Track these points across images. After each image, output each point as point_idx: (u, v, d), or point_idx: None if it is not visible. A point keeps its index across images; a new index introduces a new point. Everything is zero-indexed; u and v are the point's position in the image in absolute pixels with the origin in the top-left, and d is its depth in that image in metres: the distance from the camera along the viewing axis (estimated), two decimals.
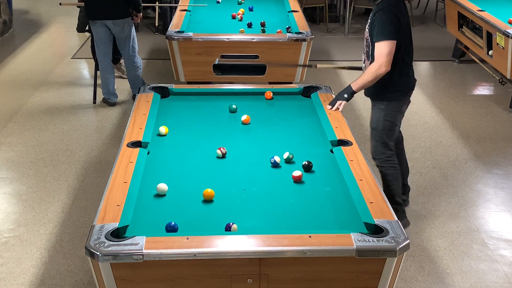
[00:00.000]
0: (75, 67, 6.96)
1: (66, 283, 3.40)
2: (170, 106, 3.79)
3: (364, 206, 2.57)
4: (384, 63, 3.43)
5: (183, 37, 4.86)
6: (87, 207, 4.13)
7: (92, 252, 2.22)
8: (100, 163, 4.75)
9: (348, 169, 2.90)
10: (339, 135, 3.28)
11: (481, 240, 3.85)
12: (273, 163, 3.00)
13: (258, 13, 5.91)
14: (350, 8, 8.42)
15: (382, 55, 3.42)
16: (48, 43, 8.03)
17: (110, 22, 5.44)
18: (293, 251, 2.28)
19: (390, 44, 3.42)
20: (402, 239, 2.31)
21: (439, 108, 5.91)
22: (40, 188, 4.38)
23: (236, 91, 4.09)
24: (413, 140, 5.22)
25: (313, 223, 2.54)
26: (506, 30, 5.40)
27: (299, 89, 4.00)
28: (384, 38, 3.41)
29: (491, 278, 3.49)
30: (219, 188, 2.75)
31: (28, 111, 5.70)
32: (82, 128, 5.37)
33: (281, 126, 3.53)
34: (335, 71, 6.90)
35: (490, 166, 4.79)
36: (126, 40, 5.57)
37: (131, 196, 2.64)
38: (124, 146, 3.12)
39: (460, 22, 6.76)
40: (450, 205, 4.24)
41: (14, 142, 5.07)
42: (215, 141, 3.24)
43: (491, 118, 5.68)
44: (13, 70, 6.83)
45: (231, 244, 2.29)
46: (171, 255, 2.25)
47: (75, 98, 6.09)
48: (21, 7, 9.49)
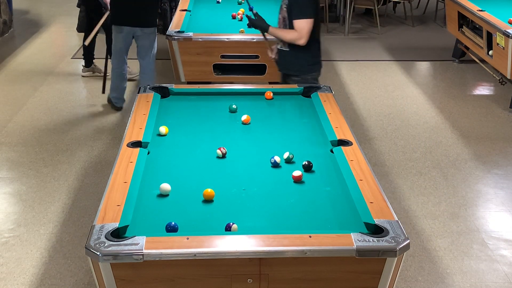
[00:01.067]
0: (75, 67, 6.96)
1: (66, 283, 3.40)
2: (170, 106, 3.78)
3: (364, 206, 2.57)
4: (305, 37, 3.97)
5: (183, 37, 4.86)
6: (87, 207, 4.13)
7: (92, 252, 2.22)
8: (100, 163, 4.75)
9: (348, 169, 2.90)
10: (339, 135, 3.28)
11: (481, 240, 3.85)
12: (273, 163, 3.00)
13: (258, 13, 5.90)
14: (350, 8, 8.43)
15: (304, 31, 3.95)
16: (48, 43, 8.03)
17: (138, 30, 5.22)
18: (293, 251, 2.28)
19: (310, 22, 3.95)
20: (402, 239, 2.31)
21: (439, 108, 5.91)
22: (40, 188, 4.38)
23: (236, 91, 4.09)
24: (413, 140, 5.22)
25: (313, 223, 2.53)
26: (506, 30, 5.40)
27: (299, 89, 4.00)
28: (306, 17, 3.92)
29: (491, 278, 3.49)
30: (219, 188, 2.75)
31: (28, 111, 5.70)
32: (82, 128, 5.38)
33: (281, 126, 3.52)
34: (335, 71, 6.91)
35: (490, 166, 4.79)
36: (149, 49, 5.38)
37: (131, 196, 2.64)
38: (124, 146, 3.11)
39: (460, 22, 6.76)
40: (450, 205, 4.24)
41: (14, 142, 5.07)
42: (215, 141, 3.24)
43: (491, 118, 5.68)
44: (13, 70, 6.83)
45: (231, 244, 2.29)
46: (171, 255, 2.25)
47: (75, 98, 6.09)
48: (21, 7, 9.49)
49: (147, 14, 5.20)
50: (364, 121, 5.56)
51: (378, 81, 6.62)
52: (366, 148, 5.00)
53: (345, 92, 6.22)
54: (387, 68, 7.06)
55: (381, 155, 4.94)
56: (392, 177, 4.60)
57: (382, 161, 4.85)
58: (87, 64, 6.58)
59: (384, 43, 8.04)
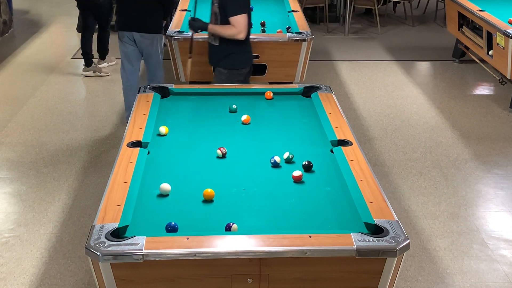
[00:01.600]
0: (75, 67, 6.96)
1: (66, 283, 3.40)
2: (170, 106, 3.78)
3: (364, 206, 2.57)
4: (243, 31, 4.19)
5: (183, 37, 4.86)
6: (87, 207, 4.13)
7: (92, 252, 2.22)
8: (100, 163, 4.75)
9: (348, 169, 2.90)
10: (339, 135, 3.28)
11: (481, 240, 3.85)
12: (273, 163, 3.00)
13: (258, 13, 5.90)
14: (350, 8, 8.43)
15: (242, 26, 4.16)
16: (48, 43, 8.03)
17: (138, 35, 5.07)
18: (293, 251, 2.28)
19: (245, 17, 4.18)
20: (402, 239, 2.31)
21: (439, 108, 5.91)
22: (40, 188, 4.38)
23: (236, 91, 4.09)
24: (413, 140, 5.22)
25: (313, 223, 2.53)
26: (506, 30, 5.40)
27: (299, 89, 4.00)
28: (241, 12, 4.14)
29: (491, 278, 3.49)
30: (219, 188, 2.75)
31: (28, 111, 5.70)
32: (82, 128, 5.37)
33: (281, 126, 3.52)
34: (335, 71, 6.90)
35: (490, 166, 4.79)
36: (151, 55, 5.20)
37: (131, 196, 2.64)
38: (124, 146, 3.11)
39: (460, 22, 6.76)
40: (450, 205, 4.24)
41: (14, 142, 5.07)
42: (215, 141, 3.24)
43: (491, 118, 5.68)
44: (13, 70, 6.83)
45: (231, 244, 2.29)
46: (171, 255, 2.25)
47: (75, 98, 6.09)
48: (21, 7, 9.49)
49: (147, 19, 5.07)
50: (364, 121, 5.56)
51: (378, 81, 6.62)
52: (366, 148, 5.00)
53: (345, 92, 6.22)
54: (387, 68, 7.05)
55: (381, 155, 4.94)
56: (392, 177, 4.60)
57: (382, 161, 4.85)
58: (87, 64, 6.59)
59: (384, 43, 8.04)
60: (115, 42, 5.52)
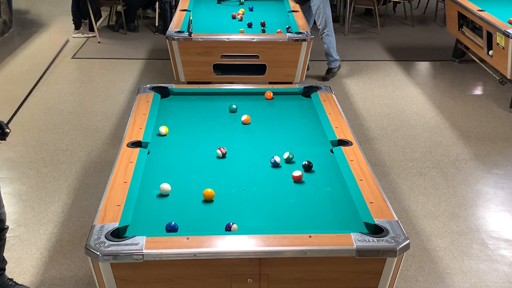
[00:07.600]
0: (75, 67, 6.96)
1: (66, 283, 3.40)
2: (170, 106, 3.79)
3: (364, 206, 2.57)
4: None
5: (183, 37, 4.86)
6: (87, 207, 4.13)
7: (92, 252, 2.22)
8: (100, 163, 4.75)
9: (348, 169, 2.90)
10: (339, 135, 3.28)
11: (481, 240, 3.85)
12: (273, 163, 3.00)
13: (258, 13, 5.91)
14: (350, 8, 8.42)
15: None
16: (48, 43, 8.03)
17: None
18: (293, 251, 2.28)
19: None
20: (402, 239, 2.31)
21: (439, 108, 5.91)
22: (40, 188, 4.38)
23: (236, 91, 4.09)
24: (413, 140, 5.22)
25: (313, 223, 2.54)
26: (506, 30, 5.39)
27: (299, 89, 4.00)
28: None
29: (491, 278, 3.49)
30: (219, 188, 2.75)
31: (28, 111, 5.70)
32: (82, 128, 5.37)
33: (281, 126, 3.52)
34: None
35: (490, 166, 4.79)
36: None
37: (131, 196, 2.64)
38: (124, 146, 3.12)
39: (460, 22, 6.76)
40: (450, 205, 4.24)
41: (14, 142, 5.07)
42: (215, 141, 3.24)
43: (491, 118, 5.68)
44: (13, 70, 6.83)
45: (231, 244, 2.29)
46: (171, 255, 2.25)
47: (75, 98, 6.09)
48: (21, 7, 9.49)
49: None
50: (364, 121, 5.56)
51: (378, 81, 6.62)
52: (366, 148, 5.00)
53: (345, 92, 6.22)
54: (387, 68, 7.05)
55: (381, 155, 4.94)
56: (392, 177, 4.60)
57: (382, 161, 4.85)
58: (77, 27, 7.64)
59: (384, 43, 8.04)
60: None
